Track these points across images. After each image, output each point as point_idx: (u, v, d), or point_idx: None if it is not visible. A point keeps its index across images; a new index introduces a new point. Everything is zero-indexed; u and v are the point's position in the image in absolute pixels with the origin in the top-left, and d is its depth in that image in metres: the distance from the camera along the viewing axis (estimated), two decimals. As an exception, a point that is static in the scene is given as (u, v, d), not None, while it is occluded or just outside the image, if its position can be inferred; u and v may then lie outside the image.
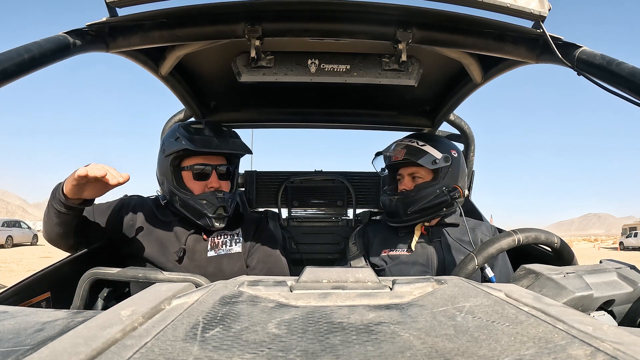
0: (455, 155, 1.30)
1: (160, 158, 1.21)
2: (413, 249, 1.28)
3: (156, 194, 1.31)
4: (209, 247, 1.21)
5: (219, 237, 1.24)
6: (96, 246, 1.25)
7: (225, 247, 1.23)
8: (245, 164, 1.48)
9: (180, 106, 1.63)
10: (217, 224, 1.17)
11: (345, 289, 0.46)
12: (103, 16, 0.90)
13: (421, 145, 1.28)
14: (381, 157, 1.40)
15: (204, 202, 1.15)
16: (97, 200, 1.07)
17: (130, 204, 1.24)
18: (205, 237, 1.22)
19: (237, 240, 1.26)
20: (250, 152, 1.24)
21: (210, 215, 1.15)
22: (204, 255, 1.20)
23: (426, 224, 1.33)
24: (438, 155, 1.25)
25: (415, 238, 1.29)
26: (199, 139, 1.16)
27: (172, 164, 1.17)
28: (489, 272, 1.05)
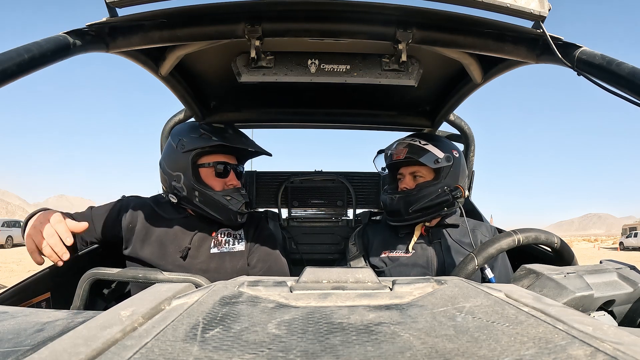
0: (457, 155, 1.30)
1: (174, 155, 1.20)
2: (411, 249, 1.28)
3: (161, 193, 1.32)
4: (212, 244, 1.22)
5: (222, 236, 1.25)
6: (96, 247, 1.26)
7: (228, 245, 1.24)
8: (245, 165, 1.49)
9: (180, 106, 1.63)
10: (240, 219, 1.20)
11: (345, 290, 0.46)
12: (103, 16, 0.90)
13: (423, 145, 1.28)
14: (382, 156, 1.41)
15: (228, 198, 1.19)
16: (96, 203, 1.07)
17: (130, 205, 1.24)
18: (213, 234, 1.23)
19: (240, 240, 1.27)
20: (270, 153, 1.31)
21: (236, 210, 1.18)
22: (207, 252, 1.20)
23: (427, 224, 1.33)
24: (440, 154, 1.26)
25: (414, 239, 1.29)
26: (230, 136, 1.21)
27: (192, 160, 1.18)
28: (489, 273, 1.04)
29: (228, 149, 1.22)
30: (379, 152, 1.44)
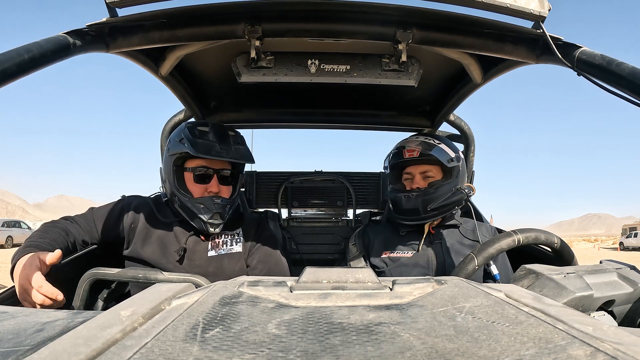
0: (462, 156, 1.33)
1: (165, 156, 1.22)
2: (420, 250, 1.28)
3: (159, 191, 1.32)
4: (209, 246, 1.21)
5: (219, 237, 1.24)
6: (95, 247, 1.26)
7: (226, 246, 1.23)
8: (245, 165, 1.48)
9: (180, 106, 1.63)
10: (211, 229, 1.16)
11: (345, 290, 0.46)
12: (103, 16, 0.90)
13: (437, 143, 1.29)
14: (392, 154, 1.38)
15: (201, 206, 1.15)
16: (96, 203, 1.07)
17: (131, 205, 1.24)
18: (203, 238, 1.22)
19: (238, 240, 1.26)
20: (252, 161, 1.23)
21: (205, 220, 1.15)
22: (204, 255, 1.20)
23: (435, 223, 1.33)
24: (452, 154, 1.27)
25: (423, 238, 1.30)
26: (201, 143, 1.15)
27: (175, 164, 1.17)
28: (494, 269, 1.05)
29: (196, 156, 1.15)
30: (392, 151, 1.42)
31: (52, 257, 0.93)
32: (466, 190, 1.26)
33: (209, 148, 1.15)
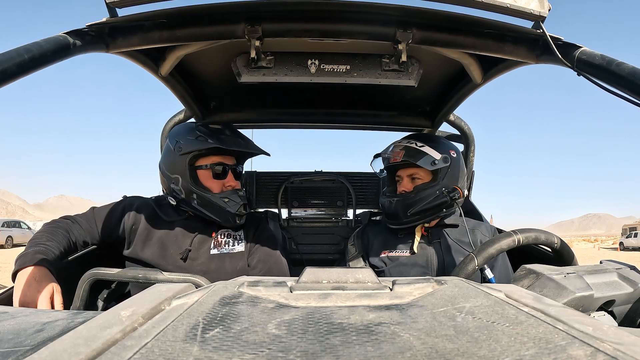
0: (455, 155, 1.29)
1: (171, 157, 1.19)
2: (416, 250, 1.28)
3: (162, 193, 1.31)
4: (212, 245, 1.22)
5: (222, 237, 1.25)
6: (95, 247, 1.26)
7: (228, 246, 1.24)
8: (245, 164, 1.49)
9: (180, 106, 1.63)
10: (238, 221, 1.21)
11: (345, 290, 0.46)
12: (103, 16, 0.90)
13: (420, 147, 1.27)
14: (380, 159, 1.40)
15: (226, 200, 1.18)
16: (96, 203, 1.06)
17: (133, 205, 1.24)
18: (213, 234, 1.23)
19: (240, 240, 1.27)
20: (268, 153, 1.30)
21: (234, 212, 1.19)
22: (207, 253, 1.20)
23: (426, 225, 1.32)
24: (437, 156, 1.25)
25: (417, 240, 1.29)
26: (226, 138, 1.20)
27: (189, 163, 1.17)
28: (489, 274, 1.04)
29: (225, 150, 1.21)
30: (376, 156, 1.43)
31: (60, 300, 0.92)
32: (451, 194, 1.23)
33: (237, 142, 1.21)
